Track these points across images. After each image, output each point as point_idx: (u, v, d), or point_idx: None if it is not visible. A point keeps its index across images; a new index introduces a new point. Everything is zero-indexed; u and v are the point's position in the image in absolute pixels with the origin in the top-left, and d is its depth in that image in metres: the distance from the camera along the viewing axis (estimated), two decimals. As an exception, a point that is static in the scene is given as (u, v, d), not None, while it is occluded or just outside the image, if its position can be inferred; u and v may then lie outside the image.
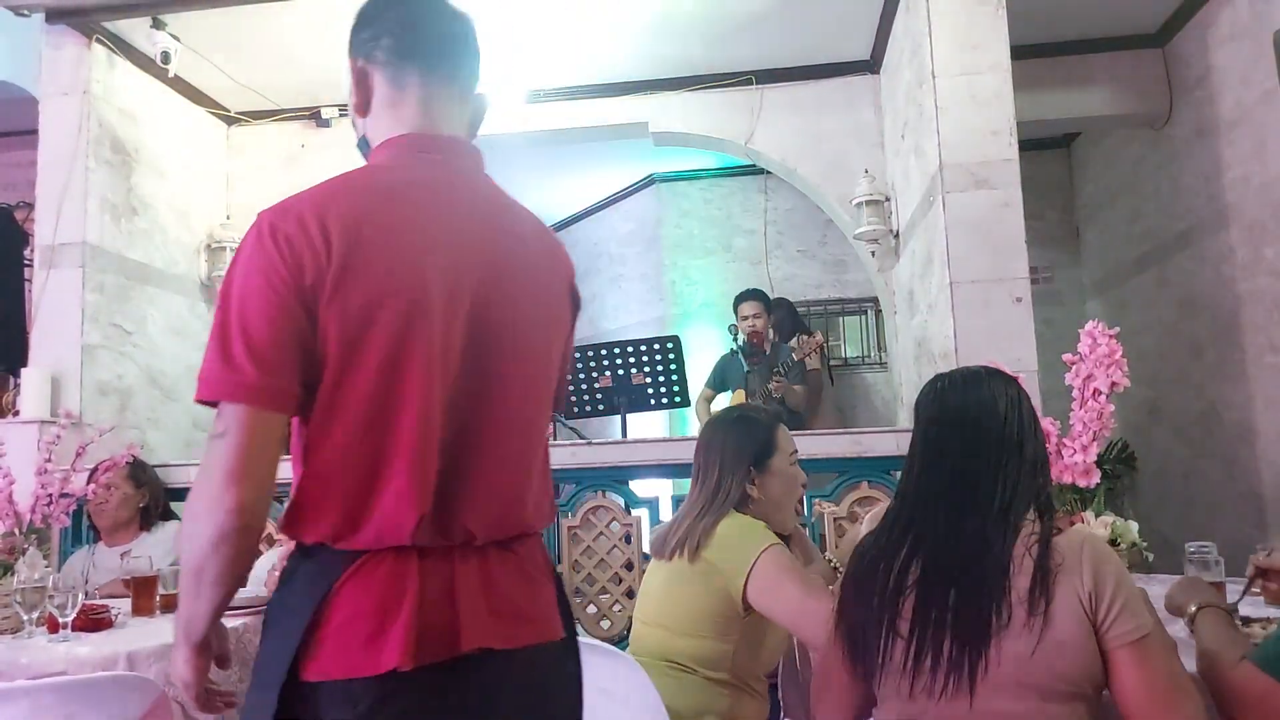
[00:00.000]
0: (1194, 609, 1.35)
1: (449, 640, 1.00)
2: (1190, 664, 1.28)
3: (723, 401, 4.69)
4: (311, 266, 0.99)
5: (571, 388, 3.82)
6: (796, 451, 1.86)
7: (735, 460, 1.75)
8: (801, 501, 2.34)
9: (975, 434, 1.27)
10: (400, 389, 1.01)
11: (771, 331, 4.68)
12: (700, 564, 1.66)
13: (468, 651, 1.00)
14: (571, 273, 1.26)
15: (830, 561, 2.07)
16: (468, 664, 1.01)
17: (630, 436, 3.94)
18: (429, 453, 1.01)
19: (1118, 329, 1.84)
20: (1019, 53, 3.47)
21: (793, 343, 4.44)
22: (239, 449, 0.96)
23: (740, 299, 4.70)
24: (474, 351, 1.07)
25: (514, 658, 1.05)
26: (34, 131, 3.96)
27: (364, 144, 1.21)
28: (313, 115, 4.83)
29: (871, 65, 4.58)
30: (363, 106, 1.18)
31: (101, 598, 2.47)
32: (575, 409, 3.90)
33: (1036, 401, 3.01)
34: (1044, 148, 5.76)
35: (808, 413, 4.54)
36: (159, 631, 2.04)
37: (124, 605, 2.31)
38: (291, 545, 1.05)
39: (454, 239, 1.08)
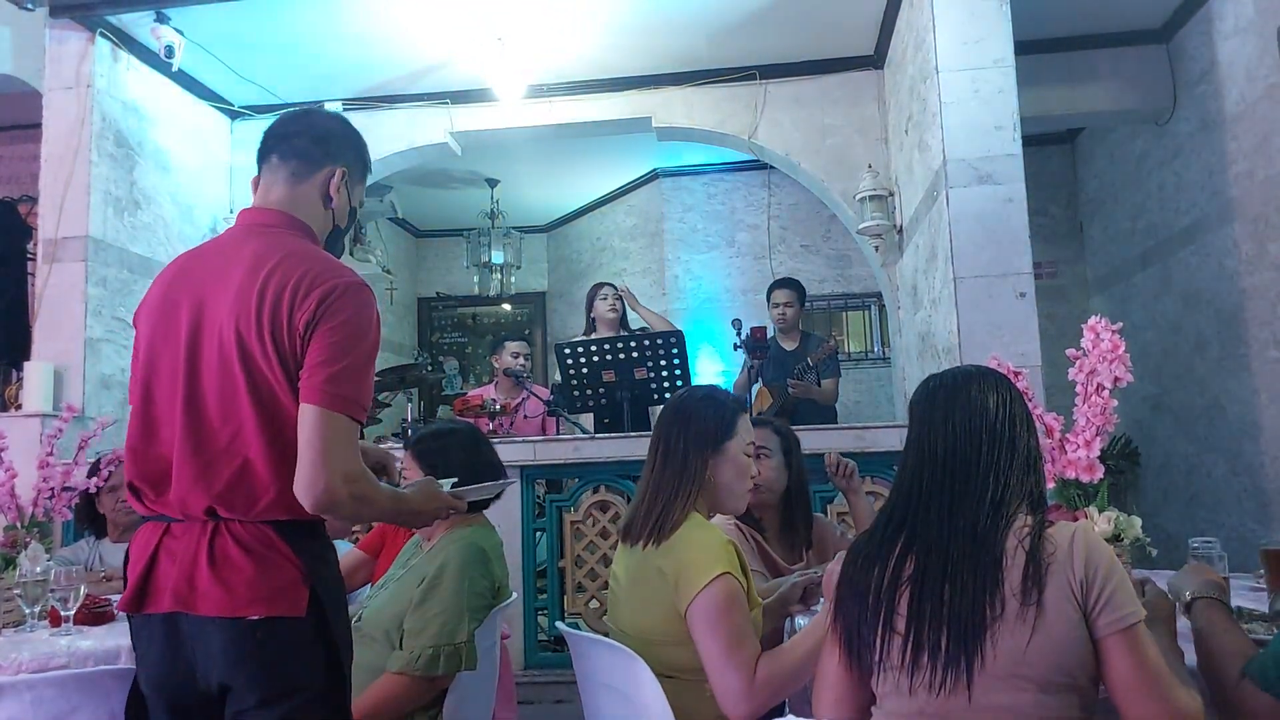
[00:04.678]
0: (1188, 597, 1.36)
1: None
2: (1188, 653, 1.28)
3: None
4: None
5: (575, 382, 3.82)
6: (754, 444, 1.79)
7: (699, 438, 1.69)
8: (809, 497, 2.33)
9: (966, 432, 1.29)
10: None
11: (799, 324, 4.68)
12: (655, 568, 1.60)
13: None
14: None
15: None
16: None
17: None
18: None
19: (1121, 324, 1.84)
20: (1023, 48, 3.46)
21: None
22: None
23: (775, 286, 4.70)
24: None
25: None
26: (37, 125, 3.96)
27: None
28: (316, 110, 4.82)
29: (875, 60, 4.57)
30: None
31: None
32: (578, 403, 3.90)
33: (1040, 397, 3.00)
34: (1047, 143, 5.75)
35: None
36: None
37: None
38: None
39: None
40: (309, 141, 1.54)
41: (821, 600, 1.88)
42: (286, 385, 1.36)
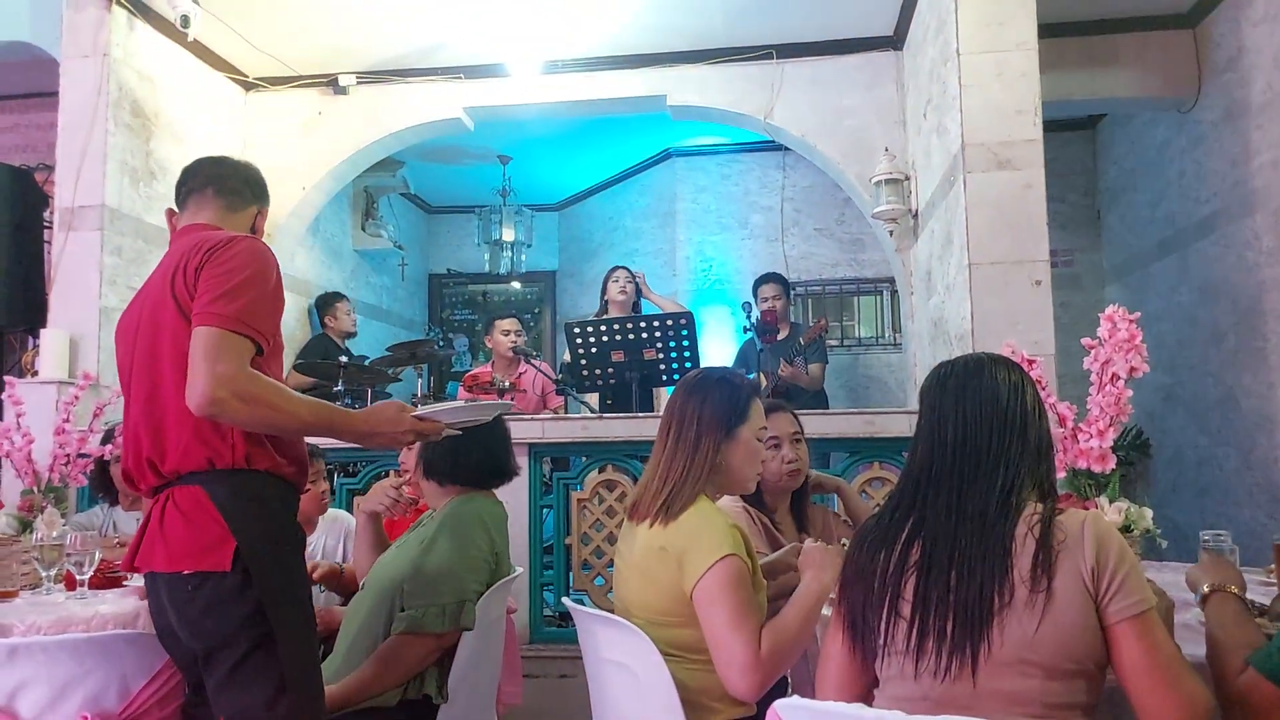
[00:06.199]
0: (1206, 589, 1.36)
1: None
2: (1194, 649, 1.28)
3: None
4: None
5: (584, 361, 3.83)
6: (766, 429, 1.81)
7: (712, 421, 1.69)
8: (806, 478, 2.33)
9: (977, 418, 1.28)
10: None
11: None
12: (659, 547, 1.60)
13: None
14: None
15: (844, 545, 2.06)
16: None
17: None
18: None
19: (1139, 314, 1.82)
20: (1045, 31, 3.41)
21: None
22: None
23: (761, 280, 4.79)
24: None
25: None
26: (54, 93, 3.96)
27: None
28: (330, 82, 4.82)
29: (895, 41, 4.51)
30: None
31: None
32: (586, 383, 3.90)
33: (1053, 385, 2.98)
34: (1068, 129, 5.68)
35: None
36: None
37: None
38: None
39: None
40: (241, 183, 1.77)
41: None
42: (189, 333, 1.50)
